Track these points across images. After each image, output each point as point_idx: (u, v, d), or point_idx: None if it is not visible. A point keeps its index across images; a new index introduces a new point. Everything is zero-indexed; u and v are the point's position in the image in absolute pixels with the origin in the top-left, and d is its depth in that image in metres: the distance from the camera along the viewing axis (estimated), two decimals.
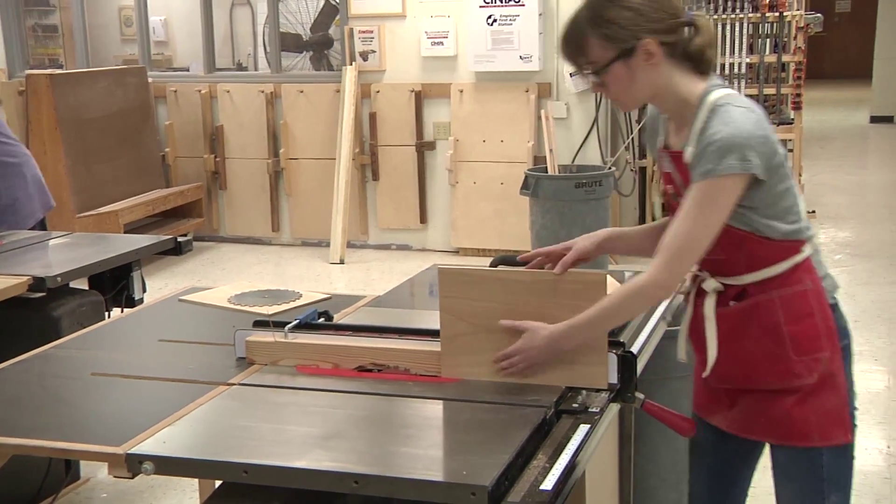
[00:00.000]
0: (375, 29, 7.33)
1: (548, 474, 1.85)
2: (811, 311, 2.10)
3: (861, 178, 10.79)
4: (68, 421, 2.24)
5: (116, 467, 1.99)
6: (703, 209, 2.03)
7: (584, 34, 2.08)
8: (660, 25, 2.06)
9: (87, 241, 4.16)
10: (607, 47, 2.06)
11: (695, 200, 2.03)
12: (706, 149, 2.01)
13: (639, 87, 2.11)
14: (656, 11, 2.05)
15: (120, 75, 7.68)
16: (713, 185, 2.01)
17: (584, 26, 2.08)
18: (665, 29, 2.06)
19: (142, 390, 2.40)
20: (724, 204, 2.02)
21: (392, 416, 2.19)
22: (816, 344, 2.10)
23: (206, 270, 7.20)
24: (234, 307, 3.08)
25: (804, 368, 2.09)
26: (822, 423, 2.10)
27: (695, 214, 2.03)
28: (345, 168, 7.29)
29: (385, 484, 1.85)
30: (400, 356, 2.39)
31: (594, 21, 2.07)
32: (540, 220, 6.21)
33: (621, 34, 2.05)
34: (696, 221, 2.03)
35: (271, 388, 2.33)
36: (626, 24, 2.04)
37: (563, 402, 2.16)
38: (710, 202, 2.02)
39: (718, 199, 2.02)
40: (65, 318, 3.43)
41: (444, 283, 2.30)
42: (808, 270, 2.13)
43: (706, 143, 2.01)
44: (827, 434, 2.11)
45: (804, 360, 2.09)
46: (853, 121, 15.49)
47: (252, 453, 1.96)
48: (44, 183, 4.57)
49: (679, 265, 2.07)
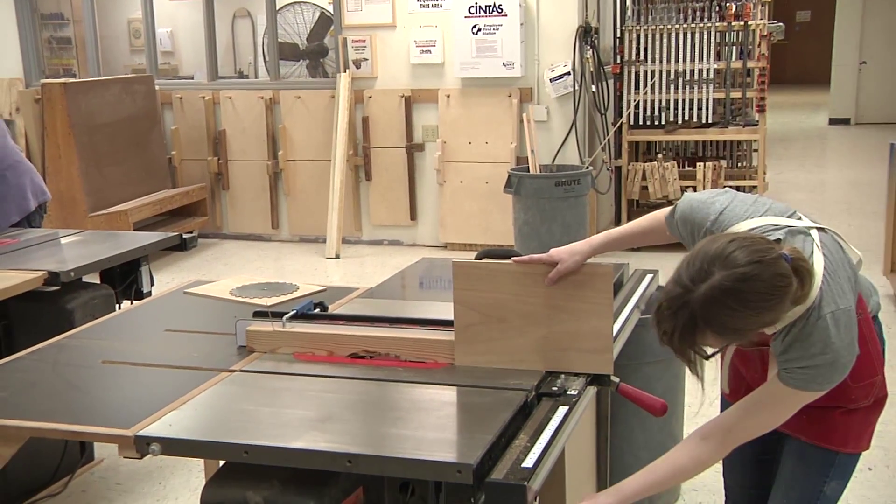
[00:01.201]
0: (368, 38, 7.30)
1: (529, 453, 1.85)
2: (864, 340, 1.96)
3: (820, 176, 10.81)
4: (81, 406, 2.24)
5: (126, 448, 1.99)
6: (775, 407, 1.92)
7: (702, 329, 1.80)
8: (777, 316, 1.82)
9: (98, 238, 4.14)
10: (724, 339, 1.86)
11: (770, 398, 1.92)
12: (797, 361, 1.86)
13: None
14: (778, 310, 1.80)
15: (129, 83, 7.64)
16: (794, 394, 1.89)
17: (702, 325, 1.79)
18: (781, 315, 1.82)
19: (149, 377, 2.39)
20: (792, 406, 1.92)
21: (383, 400, 2.19)
22: (871, 369, 2.03)
23: (210, 265, 7.18)
24: (236, 299, 3.07)
25: (861, 394, 2.03)
26: (860, 434, 2.06)
27: (766, 411, 1.93)
28: (339, 169, 7.27)
29: (376, 463, 1.85)
30: (391, 344, 2.39)
31: (713, 325, 1.79)
32: (522, 217, 6.20)
33: (743, 334, 1.84)
34: (760, 416, 1.94)
35: (270, 374, 2.33)
36: (751, 326, 1.82)
37: (544, 386, 2.17)
38: (782, 405, 1.92)
39: (795, 406, 1.92)
40: (78, 310, 3.41)
41: (457, 276, 2.28)
42: (859, 303, 1.98)
43: (797, 356, 1.86)
44: (858, 444, 2.07)
45: (860, 385, 2.02)
46: (813, 123, 15.53)
47: (252, 435, 1.96)
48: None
49: (730, 447, 1.98)
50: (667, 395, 2.96)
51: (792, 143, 13.01)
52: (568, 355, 2.21)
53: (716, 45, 7.04)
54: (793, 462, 2.12)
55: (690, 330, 1.80)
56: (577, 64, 6.79)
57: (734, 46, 7.12)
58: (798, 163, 11.33)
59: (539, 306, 2.23)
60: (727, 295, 1.76)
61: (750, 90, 7.11)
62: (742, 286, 1.75)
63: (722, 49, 7.16)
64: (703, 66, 6.99)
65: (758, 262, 1.77)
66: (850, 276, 1.93)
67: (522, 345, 2.25)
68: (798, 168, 10.95)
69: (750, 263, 1.76)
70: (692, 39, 7.00)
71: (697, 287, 1.78)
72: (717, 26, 6.99)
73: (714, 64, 7.00)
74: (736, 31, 7.06)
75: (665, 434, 3.30)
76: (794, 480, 2.11)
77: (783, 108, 16.88)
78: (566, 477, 2.53)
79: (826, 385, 1.87)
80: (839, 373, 1.86)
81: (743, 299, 1.76)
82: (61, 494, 3.56)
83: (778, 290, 1.77)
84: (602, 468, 3.04)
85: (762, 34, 7.03)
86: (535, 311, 2.23)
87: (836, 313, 1.84)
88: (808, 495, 2.09)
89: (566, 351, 2.22)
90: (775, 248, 1.81)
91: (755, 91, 7.09)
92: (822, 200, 9.18)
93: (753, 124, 7.18)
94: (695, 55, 7.00)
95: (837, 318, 1.84)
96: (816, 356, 1.84)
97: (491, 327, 2.27)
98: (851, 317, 1.86)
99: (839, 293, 1.86)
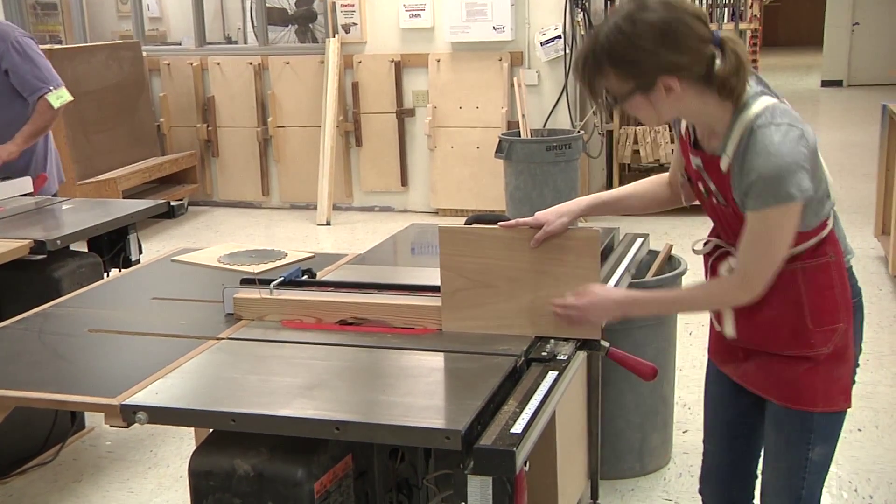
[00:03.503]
0: (357, 3, 7.22)
1: (518, 418, 1.84)
2: (832, 284, 1.97)
3: None
4: (67, 374, 2.22)
5: (112, 417, 1.97)
6: (770, 236, 1.89)
7: (602, 66, 1.89)
8: (683, 64, 1.86)
9: (86, 206, 4.10)
10: (626, 80, 1.89)
11: (759, 232, 1.89)
12: (755, 182, 1.85)
13: (662, 113, 1.95)
14: (676, 50, 1.85)
15: (116, 50, 7.56)
16: (775, 214, 1.86)
17: (602, 59, 1.88)
18: (685, 64, 1.86)
19: (136, 345, 2.37)
20: (789, 227, 1.88)
21: (371, 367, 2.17)
22: (834, 316, 1.99)
23: (200, 233, 7.14)
24: (223, 266, 3.04)
25: (821, 339, 1.99)
26: (827, 391, 2.02)
27: (765, 242, 1.90)
28: (329, 135, 7.22)
29: (364, 430, 1.84)
30: (379, 310, 2.37)
31: (612, 58, 1.88)
32: (514, 182, 6.18)
33: (640, 72, 1.87)
34: (766, 249, 1.90)
35: (257, 341, 2.31)
36: (646, 63, 1.85)
37: (533, 351, 2.15)
38: (777, 229, 1.88)
39: (784, 225, 1.87)
40: (65, 279, 3.39)
41: (444, 241, 2.26)
42: (833, 242, 1.99)
43: (755, 177, 1.84)
44: (829, 402, 2.03)
45: (822, 330, 1.99)
46: (805, 85, 15.49)
47: (239, 403, 1.94)
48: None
49: (759, 282, 1.93)
50: (657, 359, 2.96)
51: None
52: (556, 320, 2.20)
53: (708, 8, 6.99)
54: (774, 433, 2.10)
55: (596, 66, 1.89)
56: (568, 27, 6.73)
57: (726, 8, 7.06)
58: None
59: (525, 271, 2.21)
60: (625, 20, 1.86)
61: None
62: (640, 15, 1.85)
63: (714, 11, 7.10)
64: None
65: (666, 4, 1.86)
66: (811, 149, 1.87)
67: (510, 310, 2.24)
68: None
69: (659, 4, 1.86)
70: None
71: (606, 22, 1.90)
72: None
73: None
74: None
75: (656, 398, 3.30)
76: (778, 452, 2.10)
77: (775, 71, 16.83)
78: (557, 442, 2.53)
79: (794, 189, 1.83)
80: (794, 175, 1.82)
81: (638, 30, 1.84)
82: (52, 463, 3.56)
83: (678, 30, 1.84)
84: (593, 432, 3.04)
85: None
86: (522, 276, 2.21)
87: (782, 127, 1.84)
88: (795, 465, 2.07)
89: (554, 316, 2.20)
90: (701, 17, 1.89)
91: (747, 53, 7.04)
92: None
93: None
94: None
95: (782, 130, 1.84)
96: (764, 165, 1.83)
97: (478, 292, 2.25)
98: (798, 136, 1.84)
99: (784, 117, 1.86)
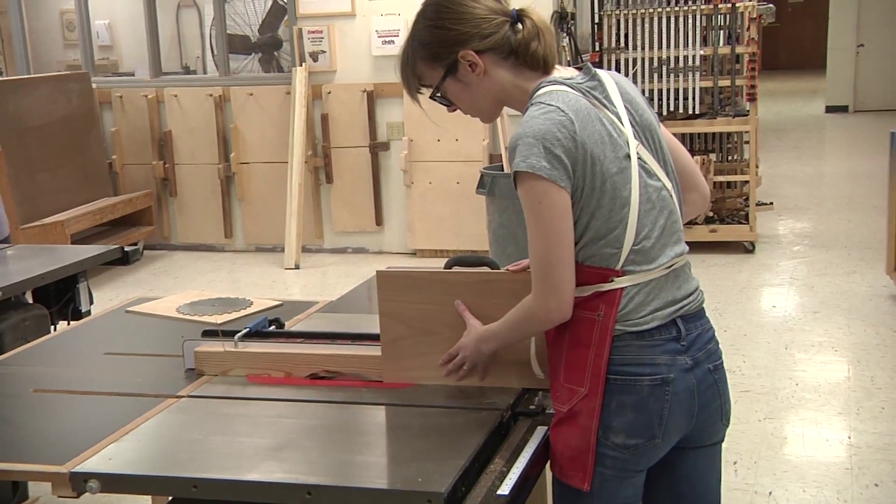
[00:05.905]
0: (325, 29, 7.29)
1: (505, 478, 1.84)
2: (588, 343, 1.97)
3: (818, 168, 10.92)
4: (10, 440, 2.20)
5: (60, 487, 1.96)
6: (530, 208, 1.97)
7: (414, 60, 2.13)
8: (473, 33, 2.05)
9: (31, 252, 4.09)
10: (434, 67, 2.10)
11: (525, 206, 1.98)
12: (508, 153, 1.99)
13: (480, 98, 2.11)
14: (467, 22, 2.05)
15: (62, 81, 7.59)
16: (523, 185, 1.95)
17: (411, 52, 2.13)
18: (479, 35, 2.05)
19: (87, 406, 2.36)
20: (548, 204, 1.94)
21: (345, 425, 2.17)
22: (580, 377, 1.98)
23: (157, 280, 7.13)
24: (183, 317, 3.04)
25: (564, 396, 2.01)
26: (563, 457, 2.01)
27: (532, 220, 1.98)
28: (297, 171, 7.25)
29: (338, 494, 1.83)
30: (353, 362, 2.37)
31: (415, 46, 2.12)
32: (497, 219, 6.20)
33: (440, 52, 2.07)
34: (535, 227, 1.98)
35: (221, 399, 2.31)
36: (440, 41, 2.07)
37: (520, 405, 2.16)
38: (532, 200, 1.96)
39: (541, 200, 1.94)
40: (7, 332, 3.37)
41: (382, 286, 2.28)
42: (610, 303, 1.97)
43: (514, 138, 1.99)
44: (564, 472, 2.02)
45: (567, 387, 2.00)
46: (808, 111, 15.68)
47: (201, 467, 1.94)
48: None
49: (549, 283, 1.95)
50: None
51: (786, 133, 13.13)
52: (500, 368, 2.21)
53: (702, 30, 7.09)
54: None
55: (410, 63, 2.14)
56: None
57: (721, 31, 7.17)
58: (794, 155, 11.43)
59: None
60: (418, 12, 2.14)
61: (739, 77, 7.15)
62: (428, 1, 2.13)
63: (708, 34, 7.20)
64: (689, 53, 7.03)
65: None
66: (568, 136, 1.93)
67: None
68: (794, 160, 11.05)
69: None
70: (676, 24, 7.03)
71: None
72: (702, 9, 7.03)
73: (700, 50, 7.04)
74: (723, 14, 7.11)
75: None
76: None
77: (776, 96, 17.04)
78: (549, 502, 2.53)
79: (516, 159, 1.94)
80: (529, 148, 1.92)
81: (427, 12, 2.12)
82: None
83: (455, 1, 2.07)
84: None
85: (751, 17, 7.08)
86: (463, 322, 2.21)
87: (547, 107, 1.96)
88: None
89: (498, 364, 2.21)
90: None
91: (745, 78, 7.13)
92: (820, 195, 9.27)
93: (744, 114, 7.22)
94: (679, 41, 7.04)
95: (543, 109, 1.96)
96: (513, 135, 1.99)
97: (419, 340, 2.26)
98: (559, 120, 1.93)
99: (559, 102, 1.96)
